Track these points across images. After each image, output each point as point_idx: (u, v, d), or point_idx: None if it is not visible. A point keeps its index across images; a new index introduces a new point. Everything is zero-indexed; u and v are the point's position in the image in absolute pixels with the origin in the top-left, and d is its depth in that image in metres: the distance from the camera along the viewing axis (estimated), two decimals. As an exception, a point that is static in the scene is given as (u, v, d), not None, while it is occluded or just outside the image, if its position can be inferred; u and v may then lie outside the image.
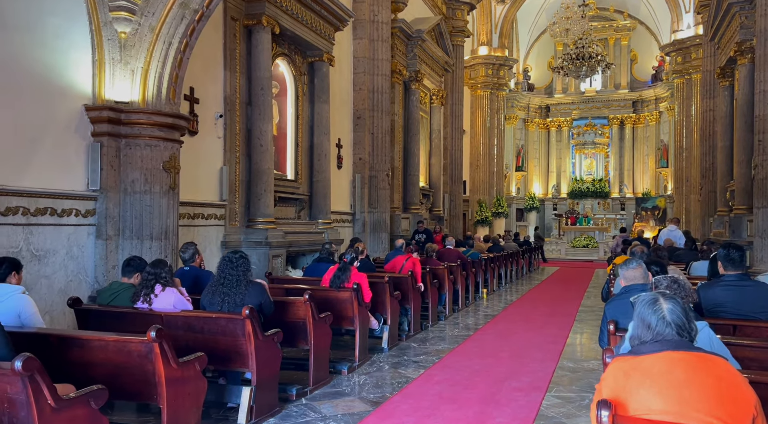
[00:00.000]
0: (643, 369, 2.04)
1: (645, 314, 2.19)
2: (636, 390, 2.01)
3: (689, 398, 1.95)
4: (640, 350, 2.13)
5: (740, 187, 12.39)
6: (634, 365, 2.08)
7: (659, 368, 2.02)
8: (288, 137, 10.35)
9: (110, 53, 6.21)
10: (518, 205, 27.04)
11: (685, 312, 2.17)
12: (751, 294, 4.03)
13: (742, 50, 12.17)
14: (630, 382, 2.04)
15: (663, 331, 2.13)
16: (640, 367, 2.06)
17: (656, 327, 2.14)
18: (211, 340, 4.16)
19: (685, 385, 1.97)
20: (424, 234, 12.98)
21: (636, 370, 2.05)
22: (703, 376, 1.99)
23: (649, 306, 2.19)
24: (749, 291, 4.03)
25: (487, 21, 22.93)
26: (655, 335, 2.13)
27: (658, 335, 2.13)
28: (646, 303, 2.21)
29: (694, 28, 20.32)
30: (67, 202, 5.86)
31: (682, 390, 1.97)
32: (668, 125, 24.94)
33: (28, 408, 2.49)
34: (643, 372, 2.03)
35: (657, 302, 2.18)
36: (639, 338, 2.19)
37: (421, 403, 4.77)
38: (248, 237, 8.61)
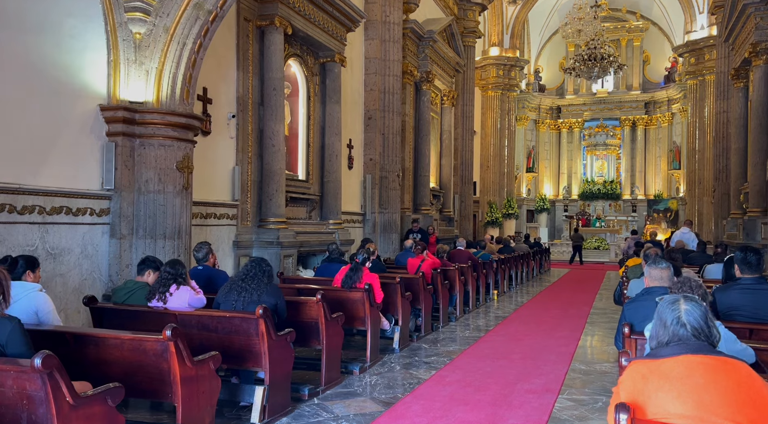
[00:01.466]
0: (662, 372, 2.03)
1: (664, 312, 2.19)
2: (655, 394, 2.00)
3: (708, 402, 1.94)
4: (659, 353, 2.12)
5: (754, 189, 12.28)
6: (652, 368, 2.07)
7: (678, 372, 2.01)
8: (299, 138, 10.37)
9: (125, 54, 6.26)
10: (529, 207, 26.95)
11: (704, 316, 2.15)
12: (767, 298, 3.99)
13: (757, 51, 12.06)
14: (648, 385, 2.02)
15: (678, 331, 2.12)
16: (658, 370, 2.04)
17: (671, 326, 2.13)
18: (224, 339, 4.18)
19: (704, 389, 1.96)
20: (419, 234, 12.43)
21: (654, 373, 2.04)
22: (722, 380, 1.97)
23: (669, 305, 2.19)
24: (766, 295, 4.00)
25: (498, 22, 22.88)
26: (671, 335, 2.13)
27: (673, 335, 2.12)
28: (667, 302, 2.22)
29: (707, 29, 20.17)
30: (82, 201, 5.91)
31: (702, 394, 1.95)
32: (681, 127, 24.77)
33: (47, 405, 2.51)
34: (661, 375, 2.02)
35: (677, 303, 2.19)
36: (657, 338, 2.19)
37: (433, 404, 4.77)
38: (260, 237, 8.64)
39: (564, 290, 13.43)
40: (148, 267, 4.60)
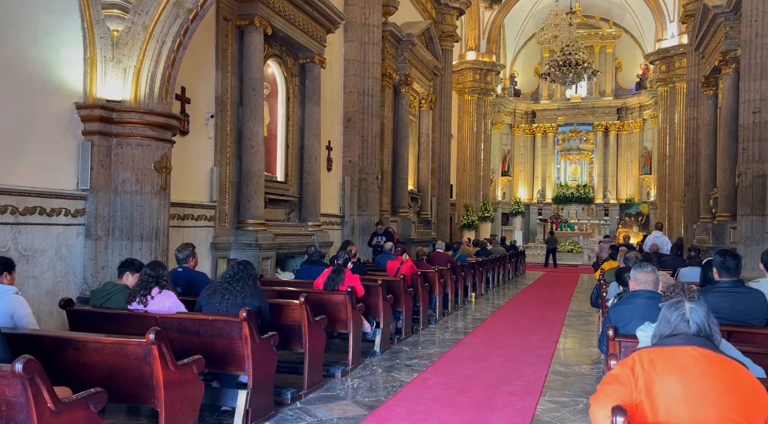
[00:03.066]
0: (669, 358, 2.12)
1: (668, 312, 2.27)
2: (662, 376, 2.08)
3: (709, 390, 2.03)
4: (665, 342, 2.21)
5: (724, 194, 12.58)
6: (659, 353, 2.16)
7: (684, 360, 2.10)
8: (278, 139, 10.30)
9: (102, 51, 6.13)
10: (504, 210, 27.20)
11: (707, 316, 2.22)
12: (745, 301, 4.08)
13: (726, 60, 12.37)
14: (656, 368, 2.10)
15: (681, 327, 2.21)
16: (665, 355, 2.13)
17: (675, 322, 2.22)
18: (207, 342, 4.11)
19: (706, 378, 2.05)
20: (384, 237, 11.67)
21: (661, 358, 2.13)
22: (722, 373, 2.06)
23: (674, 306, 2.27)
24: (743, 298, 4.09)
25: (475, 26, 23.07)
26: (673, 329, 2.21)
27: (676, 328, 2.20)
28: (671, 303, 2.29)
29: (678, 38, 20.63)
30: (57, 201, 5.76)
31: (703, 383, 2.04)
32: (652, 133, 25.28)
33: (28, 411, 2.43)
34: (668, 360, 2.11)
35: (681, 303, 2.26)
36: (659, 335, 2.26)
37: (417, 407, 4.76)
38: (238, 239, 8.55)
39: (540, 293, 13.57)
40: (127, 269, 4.50)
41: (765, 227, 10.00)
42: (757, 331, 3.97)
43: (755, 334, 3.95)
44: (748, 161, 10.47)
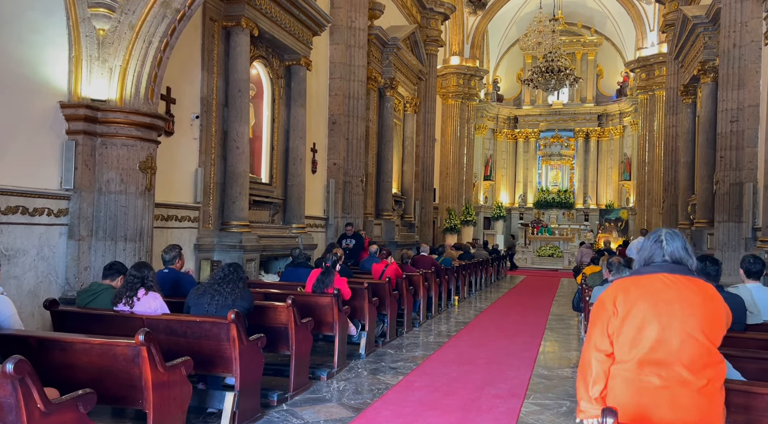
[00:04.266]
0: (642, 285, 2.36)
1: (647, 240, 2.49)
2: (635, 302, 2.32)
3: (678, 313, 2.27)
4: (639, 271, 2.44)
5: (701, 201, 12.83)
6: (634, 282, 2.39)
7: (655, 286, 2.34)
8: (263, 140, 10.26)
9: (88, 50, 6.07)
10: (486, 214, 27.38)
11: (684, 246, 2.43)
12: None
13: (705, 69, 12.63)
14: (630, 295, 2.34)
15: (656, 251, 2.43)
16: (639, 283, 2.37)
17: (651, 247, 2.44)
18: (194, 344, 4.09)
19: (675, 301, 2.29)
20: (354, 239, 11.30)
21: (635, 285, 2.37)
22: (691, 296, 2.30)
23: (652, 236, 2.49)
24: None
25: (459, 31, 23.24)
26: (650, 253, 2.43)
27: (652, 253, 2.42)
28: (651, 236, 2.51)
29: (657, 46, 21.01)
30: (39, 201, 5.69)
31: (672, 305, 2.28)
32: (631, 139, 25.66)
33: (17, 412, 2.40)
34: (641, 287, 2.35)
35: (660, 232, 2.49)
36: (639, 261, 2.49)
37: (403, 409, 4.78)
38: (222, 240, 8.50)
39: (522, 296, 13.69)
40: (116, 272, 4.47)
41: (741, 234, 10.24)
42: (737, 335, 4.06)
43: (734, 338, 4.05)
44: (725, 169, 10.71)
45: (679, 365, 2.25)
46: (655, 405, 2.25)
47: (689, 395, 2.24)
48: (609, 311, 2.36)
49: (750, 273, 4.79)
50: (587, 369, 2.40)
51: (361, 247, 11.13)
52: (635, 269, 2.50)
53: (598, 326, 2.39)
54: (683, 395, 2.24)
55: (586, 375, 2.41)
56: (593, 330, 2.41)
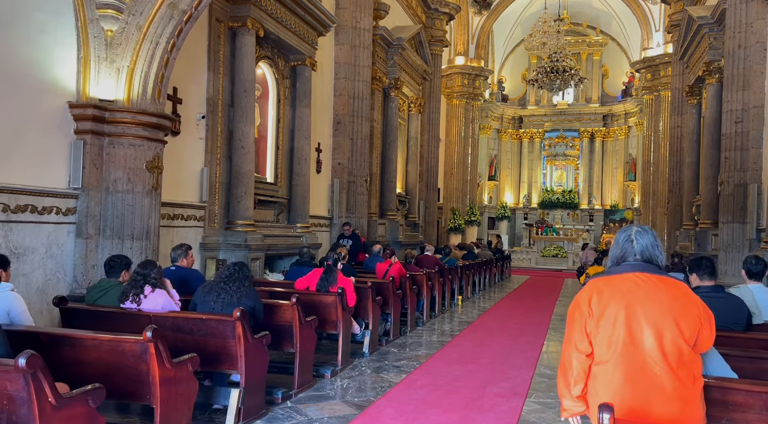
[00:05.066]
0: (614, 285, 2.42)
1: (619, 235, 2.57)
2: (608, 302, 2.38)
3: (649, 312, 2.34)
4: (611, 271, 2.50)
5: (706, 202, 12.82)
6: (606, 282, 2.45)
7: (626, 286, 2.40)
8: (268, 140, 10.34)
9: (96, 51, 6.15)
10: (490, 214, 27.40)
11: (654, 242, 2.51)
12: (725, 306, 4.21)
13: (710, 70, 12.62)
14: (603, 296, 2.41)
15: (627, 247, 2.50)
16: (611, 284, 2.43)
17: (622, 242, 2.52)
18: (200, 341, 4.15)
19: (646, 301, 2.36)
20: (350, 239, 11.05)
21: (607, 286, 2.43)
22: (661, 295, 2.36)
23: (624, 230, 2.58)
24: (723, 303, 4.21)
25: (464, 31, 23.26)
26: (620, 251, 2.51)
27: (623, 251, 2.50)
28: (623, 229, 2.59)
29: (663, 47, 20.98)
30: (48, 199, 5.77)
31: (644, 305, 2.35)
32: (636, 140, 25.63)
33: (29, 406, 2.47)
34: (613, 288, 2.41)
35: (630, 227, 2.57)
36: (611, 259, 2.56)
37: (406, 407, 4.84)
38: (227, 239, 8.57)
39: (525, 297, 13.72)
40: (118, 267, 4.55)
41: (746, 235, 10.24)
42: (735, 335, 4.10)
43: (734, 338, 4.08)
44: (730, 170, 10.71)
45: (653, 363, 2.31)
46: (635, 403, 2.31)
47: (667, 392, 2.30)
48: (585, 312, 2.42)
49: (752, 274, 4.82)
50: (568, 369, 2.47)
51: (359, 247, 11.04)
52: (608, 268, 2.56)
53: (576, 326, 2.45)
54: (661, 392, 2.30)
55: (567, 374, 2.48)
56: (572, 330, 2.48)
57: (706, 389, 2.70)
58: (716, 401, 2.74)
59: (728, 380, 2.84)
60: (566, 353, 2.49)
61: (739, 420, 2.75)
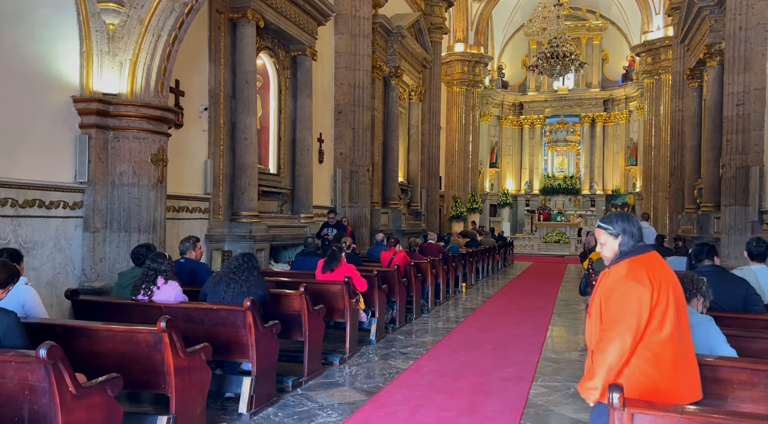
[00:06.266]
0: (653, 261, 2.59)
1: (630, 225, 2.66)
2: (660, 279, 2.52)
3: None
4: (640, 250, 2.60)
5: (708, 185, 12.84)
6: (647, 261, 2.57)
7: (659, 261, 2.61)
8: (270, 131, 10.36)
9: (98, 45, 6.17)
10: (492, 201, 27.42)
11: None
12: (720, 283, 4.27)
13: (711, 53, 12.58)
14: (656, 272, 2.54)
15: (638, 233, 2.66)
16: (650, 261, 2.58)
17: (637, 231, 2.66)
18: (211, 331, 4.21)
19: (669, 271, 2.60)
20: (335, 228, 10.28)
21: (649, 263, 2.57)
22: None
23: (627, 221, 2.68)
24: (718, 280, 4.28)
25: (463, 18, 23.15)
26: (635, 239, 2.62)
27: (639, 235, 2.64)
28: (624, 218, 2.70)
29: (663, 30, 20.87)
30: (55, 194, 5.82)
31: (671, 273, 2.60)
32: (637, 124, 25.58)
33: (51, 395, 2.53)
34: (655, 262, 2.59)
35: (630, 216, 2.71)
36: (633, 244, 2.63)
37: (414, 392, 4.91)
38: (232, 231, 8.62)
39: (528, 282, 13.79)
40: (143, 258, 4.64)
41: (748, 217, 10.26)
42: (744, 316, 4.16)
43: (741, 319, 4.14)
44: (731, 153, 10.72)
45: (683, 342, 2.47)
46: (686, 382, 2.46)
47: (695, 370, 2.47)
48: (650, 300, 2.50)
49: (753, 255, 4.87)
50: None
51: (343, 236, 9.95)
52: (632, 247, 2.62)
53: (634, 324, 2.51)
54: (692, 371, 2.47)
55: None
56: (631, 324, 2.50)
57: (712, 368, 2.76)
58: (721, 380, 2.80)
59: (733, 359, 2.90)
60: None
61: (744, 398, 2.81)
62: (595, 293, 2.63)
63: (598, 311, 2.57)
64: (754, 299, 4.36)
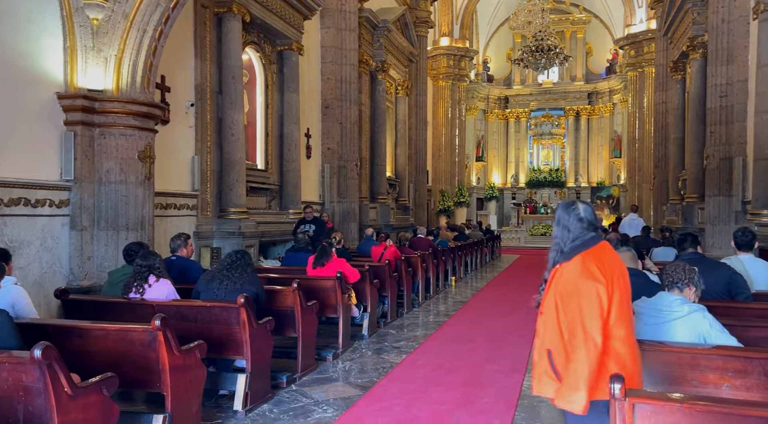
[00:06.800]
0: (603, 251, 2.58)
1: (570, 216, 2.57)
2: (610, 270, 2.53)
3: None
4: (589, 244, 2.53)
5: (692, 176, 12.98)
6: (597, 254, 2.53)
7: (610, 250, 2.62)
8: (258, 127, 10.29)
9: (82, 40, 6.07)
10: (478, 195, 27.52)
11: (594, 211, 2.64)
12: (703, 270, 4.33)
13: (694, 45, 12.70)
14: (605, 266, 2.51)
15: (578, 226, 2.55)
16: (601, 253, 2.56)
17: (575, 222, 2.55)
18: (204, 328, 4.18)
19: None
20: (313, 225, 9.53)
21: (599, 257, 2.54)
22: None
23: (568, 211, 2.59)
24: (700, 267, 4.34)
25: (448, 12, 23.15)
26: (576, 232, 2.54)
27: (578, 230, 2.54)
28: (567, 209, 2.61)
29: (646, 23, 21.03)
30: (41, 192, 5.73)
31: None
32: (621, 117, 25.78)
33: (46, 396, 2.49)
34: (606, 252, 2.59)
35: (575, 205, 2.61)
36: (576, 238, 2.54)
37: (409, 386, 4.92)
38: (221, 227, 8.56)
39: (516, 275, 13.87)
40: (135, 255, 4.58)
41: (732, 208, 10.40)
42: (730, 305, 4.21)
43: (731, 308, 4.20)
44: (715, 144, 10.84)
45: None
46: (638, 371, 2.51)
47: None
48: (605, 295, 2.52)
49: (740, 245, 4.94)
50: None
51: (323, 234, 9.31)
52: (578, 242, 2.56)
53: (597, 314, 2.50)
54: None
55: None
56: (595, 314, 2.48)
57: (707, 356, 2.79)
58: (716, 369, 2.83)
59: (727, 348, 2.94)
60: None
61: (739, 386, 2.84)
62: (548, 291, 2.55)
63: (554, 311, 2.50)
64: (738, 282, 4.40)
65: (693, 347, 2.93)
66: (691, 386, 2.86)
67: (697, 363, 2.87)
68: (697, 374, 2.87)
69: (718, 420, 2.04)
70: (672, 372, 2.92)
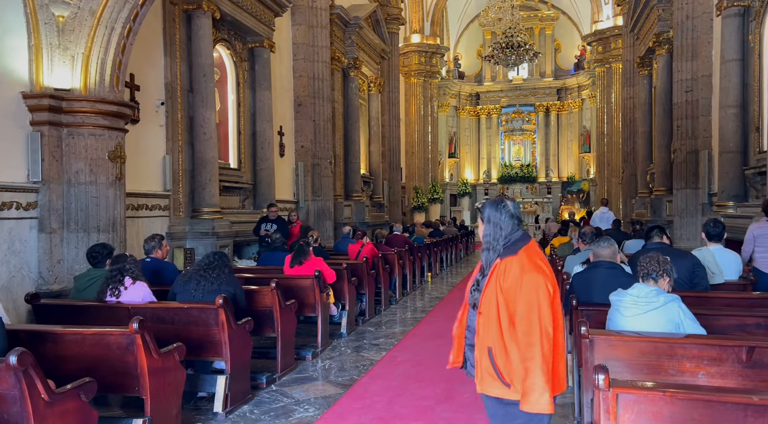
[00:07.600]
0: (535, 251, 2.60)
1: (499, 214, 2.58)
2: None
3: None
4: (523, 242, 2.54)
5: (660, 170, 13.26)
6: (531, 251, 2.55)
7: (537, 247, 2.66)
8: (230, 125, 10.16)
9: (48, 38, 5.90)
10: (452, 191, 27.68)
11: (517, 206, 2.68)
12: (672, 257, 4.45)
13: (660, 41, 12.96)
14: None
15: (512, 222, 2.57)
16: (533, 251, 2.57)
17: (506, 218, 2.56)
18: (182, 330, 4.12)
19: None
20: (275, 224, 9.10)
21: (536, 252, 2.56)
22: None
23: (497, 209, 2.60)
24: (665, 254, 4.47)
25: (419, 9, 23.19)
26: (514, 223, 2.56)
27: (513, 222, 2.56)
28: (495, 206, 2.61)
29: (613, 20, 21.39)
30: (7, 194, 5.56)
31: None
32: (590, 112, 26.19)
33: (22, 403, 2.42)
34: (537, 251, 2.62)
35: (503, 204, 2.62)
36: (508, 235, 2.55)
37: (390, 383, 4.92)
38: (194, 228, 8.44)
39: (491, 270, 13.96)
40: (100, 257, 4.46)
41: (698, 200, 10.67)
42: (703, 294, 4.32)
43: (701, 297, 4.30)
44: (682, 138, 11.10)
45: None
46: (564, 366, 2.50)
47: None
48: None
49: (711, 236, 5.07)
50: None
51: (286, 233, 8.90)
52: (509, 242, 2.55)
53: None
54: None
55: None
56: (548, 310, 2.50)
57: (684, 346, 2.86)
58: (693, 357, 2.90)
59: (703, 337, 3.01)
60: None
61: (714, 374, 2.92)
62: (488, 288, 2.48)
63: (494, 308, 2.42)
64: (699, 272, 4.52)
65: (670, 337, 2.99)
66: (669, 375, 2.92)
67: (674, 352, 2.93)
68: (674, 363, 2.93)
69: (698, 407, 2.08)
70: (650, 362, 2.98)
